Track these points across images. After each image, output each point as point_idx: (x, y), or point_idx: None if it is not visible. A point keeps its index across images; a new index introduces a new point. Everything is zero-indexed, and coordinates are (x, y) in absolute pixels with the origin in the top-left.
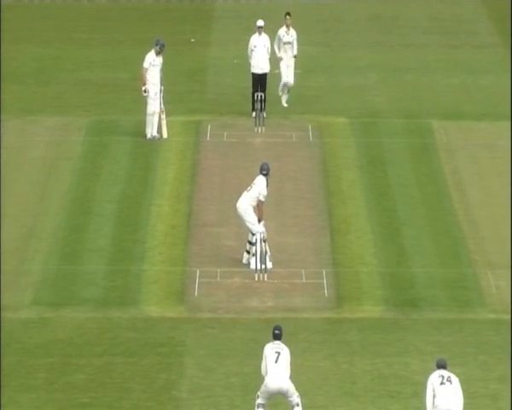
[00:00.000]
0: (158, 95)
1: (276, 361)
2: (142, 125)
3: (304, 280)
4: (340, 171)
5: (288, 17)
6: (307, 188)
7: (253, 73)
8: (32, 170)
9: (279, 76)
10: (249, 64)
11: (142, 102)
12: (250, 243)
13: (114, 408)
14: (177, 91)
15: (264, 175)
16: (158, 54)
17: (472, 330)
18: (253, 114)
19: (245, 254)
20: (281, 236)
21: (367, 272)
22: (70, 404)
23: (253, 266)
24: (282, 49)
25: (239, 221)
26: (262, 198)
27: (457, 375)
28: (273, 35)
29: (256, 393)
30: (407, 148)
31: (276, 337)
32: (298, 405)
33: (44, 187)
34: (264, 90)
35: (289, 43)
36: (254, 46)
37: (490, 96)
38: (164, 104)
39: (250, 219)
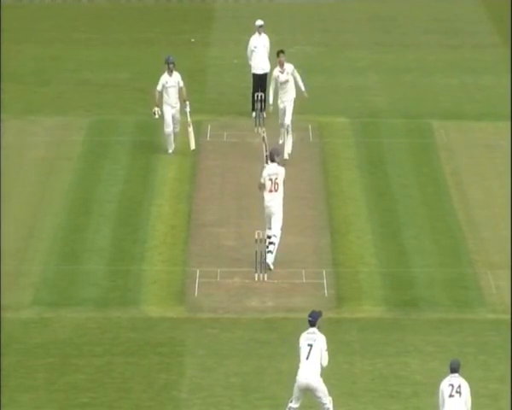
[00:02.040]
0: (176, 116)
1: (308, 358)
2: (142, 126)
3: (304, 280)
4: (340, 171)
5: (281, 55)
6: (307, 188)
7: (253, 74)
8: (32, 170)
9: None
10: (249, 65)
11: (142, 102)
12: (271, 242)
13: (114, 408)
14: None
15: (276, 162)
16: (171, 73)
17: (472, 330)
18: (253, 114)
19: (268, 254)
20: (281, 236)
21: (367, 272)
22: (70, 404)
23: (269, 260)
24: (281, 91)
25: (239, 221)
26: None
27: None
28: (273, 35)
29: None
30: (407, 148)
31: (311, 324)
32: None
33: (44, 187)
34: (264, 91)
35: (287, 81)
36: (255, 47)
37: (490, 96)
38: (191, 117)
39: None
